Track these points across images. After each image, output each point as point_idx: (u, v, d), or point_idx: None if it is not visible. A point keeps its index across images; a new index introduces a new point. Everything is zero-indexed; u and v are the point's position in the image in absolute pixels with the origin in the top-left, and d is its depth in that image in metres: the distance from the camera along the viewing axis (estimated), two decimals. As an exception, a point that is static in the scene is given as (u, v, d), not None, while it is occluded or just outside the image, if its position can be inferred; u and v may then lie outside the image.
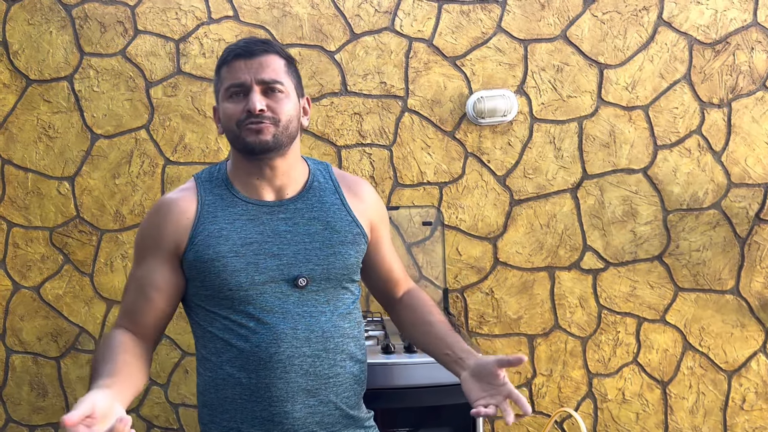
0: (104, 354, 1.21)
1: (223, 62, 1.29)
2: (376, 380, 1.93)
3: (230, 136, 1.28)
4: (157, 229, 1.29)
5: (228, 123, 1.27)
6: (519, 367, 2.51)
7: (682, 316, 2.49)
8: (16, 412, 2.58)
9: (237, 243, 1.26)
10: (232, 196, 1.30)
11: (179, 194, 1.32)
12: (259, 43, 1.28)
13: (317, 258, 1.29)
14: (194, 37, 2.47)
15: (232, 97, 1.26)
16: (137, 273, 1.32)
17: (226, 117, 1.27)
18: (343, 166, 2.48)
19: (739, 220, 2.45)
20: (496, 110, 2.40)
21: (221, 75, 1.29)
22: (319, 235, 1.31)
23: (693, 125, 2.45)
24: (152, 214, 1.32)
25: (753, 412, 2.49)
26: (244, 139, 1.25)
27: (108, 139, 2.50)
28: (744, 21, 2.42)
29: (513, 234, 2.49)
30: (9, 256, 2.54)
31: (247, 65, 1.25)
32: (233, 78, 1.26)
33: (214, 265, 1.25)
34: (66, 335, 2.55)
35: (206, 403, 1.30)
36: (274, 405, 1.24)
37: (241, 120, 1.25)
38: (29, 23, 2.48)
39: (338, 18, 2.46)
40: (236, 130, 1.26)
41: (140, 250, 1.33)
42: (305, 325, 1.26)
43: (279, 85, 1.26)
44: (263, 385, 1.24)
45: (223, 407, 1.27)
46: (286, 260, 1.27)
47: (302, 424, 1.26)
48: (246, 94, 1.25)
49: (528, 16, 2.45)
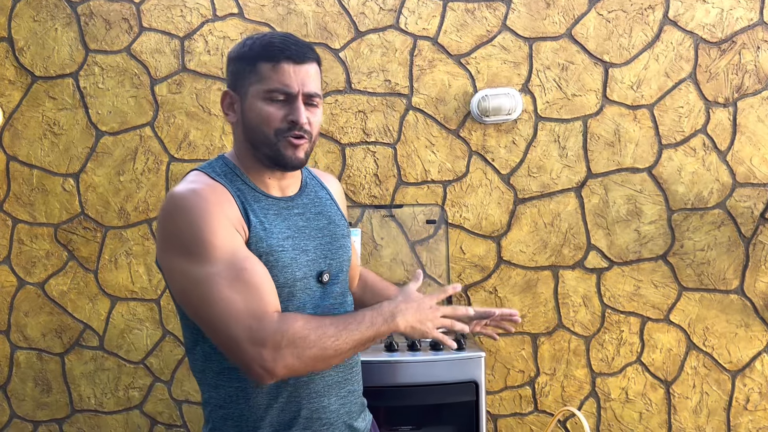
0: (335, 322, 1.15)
1: (268, 58, 1.19)
2: (380, 378, 1.93)
3: (261, 138, 1.21)
4: (220, 212, 1.15)
5: (262, 126, 1.20)
6: (523, 366, 2.51)
7: (686, 316, 2.48)
8: (21, 407, 2.59)
9: (279, 237, 1.21)
10: (252, 191, 1.24)
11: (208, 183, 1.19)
12: (306, 48, 1.22)
13: (331, 252, 1.30)
14: (199, 34, 2.47)
15: (273, 101, 1.20)
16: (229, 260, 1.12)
17: (262, 119, 1.20)
18: (347, 164, 2.49)
19: (744, 220, 2.44)
20: (500, 109, 2.39)
21: (261, 71, 1.20)
22: (327, 229, 1.32)
23: (698, 124, 2.44)
24: (198, 203, 1.14)
25: (757, 412, 2.49)
26: (280, 150, 1.21)
27: (113, 136, 2.51)
28: (750, 20, 2.41)
29: (517, 233, 2.49)
30: (14, 252, 2.55)
31: (296, 72, 1.19)
32: (281, 83, 1.19)
33: (268, 260, 1.19)
34: (70, 331, 2.56)
35: (230, 415, 1.23)
36: (313, 401, 1.24)
37: (281, 129, 1.20)
38: (35, 20, 2.49)
39: (343, 16, 2.46)
40: (273, 138, 1.20)
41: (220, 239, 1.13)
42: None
43: (318, 98, 1.24)
44: (302, 383, 1.23)
45: (256, 416, 1.22)
46: (312, 256, 1.26)
47: (336, 416, 1.27)
48: (289, 102, 1.20)
49: (533, 15, 2.44)
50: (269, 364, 1.10)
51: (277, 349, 1.09)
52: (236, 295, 1.11)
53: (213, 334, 1.14)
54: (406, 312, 1.18)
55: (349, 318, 1.16)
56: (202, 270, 1.11)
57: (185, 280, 1.14)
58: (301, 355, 1.10)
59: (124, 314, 2.54)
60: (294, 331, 1.10)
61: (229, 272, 1.11)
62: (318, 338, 1.11)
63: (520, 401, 2.52)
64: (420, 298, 1.21)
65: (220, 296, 1.11)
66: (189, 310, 1.16)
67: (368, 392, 1.44)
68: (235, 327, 1.10)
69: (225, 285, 1.11)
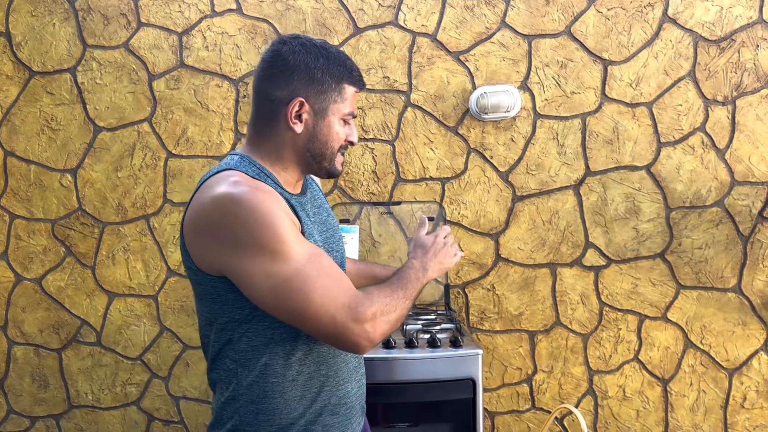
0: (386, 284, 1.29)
1: (354, 83, 1.31)
2: (377, 375, 1.93)
3: (324, 152, 1.30)
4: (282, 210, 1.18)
5: (332, 143, 1.30)
6: (520, 363, 2.51)
7: (683, 314, 2.48)
8: (18, 403, 2.59)
9: (318, 237, 1.30)
10: (282, 190, 1.26)
11: (261, 183, 1.21)
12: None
13: (335, 244, 1.39)
14: (197, 30, 2.47)
15: (345, 122, 1.31)
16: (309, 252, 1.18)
17: (334, 138, 1.30)
18: (346, 161, 2.48)
19: (742, 218, 2.45)
20: (499, 106, 2.39)
21: (345, 93, 1.30)
22: (328, 222, 1.39)
23: (697, 122, 2.44)
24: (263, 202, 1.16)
25: (754, 410, 2.49)
26: (335, 165, 1.32)
27: (110, 132, 2.50)
28: (750, 18, 2.41)
29: (515, 230, 2.49)
30: (11, 247, 2.54)
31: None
32: (354, 107, 1.32)
33: None
34: (67, 327, 2.55)
35: (263, 410, 1.25)
36: (340, 388, 1.32)
37: (343, 146, 1.32)
38: (32, 15, 2.48)
39: (342, 12, 2.45)
40: (334, 154, 1.31)
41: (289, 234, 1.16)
42: None
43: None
44: (332, 372, 1.30)
45: (289, 407, 1.25)
46: (339, 252, 1.38)
47: (356, 399, 1.36)
48: (349, 123, 1.33)
49: (532, 12, 2.44)
50: (372, 335, 1.20)
51: (375, 320, 1.20)
52: (328, 282, 1.18)
53: (311, 323, 1.18)
54: (431, 260, 1.36)
55: (400, 282, 1.30)
56: (290, 266, 1.15)
57: (272, 279, 1.15)
58: (390, 320, 1.23)
59: (121, 310, 2.54)
60: (380, 303, 1.23)
61: (314, 264, 1.18)
62: (396, 304, 1.25)
63: (517, 398, 2.53)
64: (431, 242, 1.39)
65: (315, 286, 1.16)
66: (276, 309, 1.18)
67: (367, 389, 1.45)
68: (337, 310, 1.18)
69: (316, 276, 1.17)
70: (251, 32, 2.46)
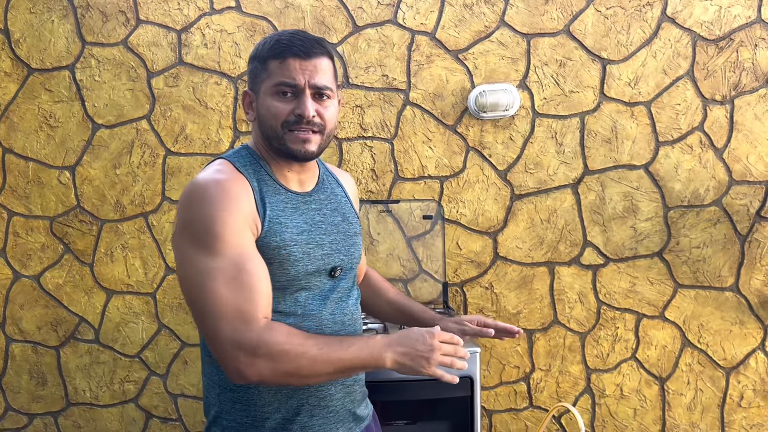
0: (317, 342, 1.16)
1: (274, 55, 1.23)
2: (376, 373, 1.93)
3: (270, 133, 1.25)
4: (236, 207, 1.17)
5: (271, 120, 1.24)
6: (518, 361, 2.51)
7: (681, 313, 2.49)
8: (16, 400, 2.59)
9: (293, 231, 1.25)
10: (274, 183, 1.27)
11: (232, 175, 1.22)
12: (315, 43, 1.25)
13: (344, 248, 1.34)
14: (196, 27, 2.47)
15: (279, 94, 1.23)
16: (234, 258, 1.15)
17: (270, 114, 1.24)
18: (345, 159, 2.48)
19: (740, 218, 2.45)
20: (498, 104, 2.39)
21: (269, 68, 1.24)
22: (341, 225, 1.36)
23: (695, 122, 2.44)
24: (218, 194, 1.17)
25: (750, 409, 2.50)
26: (287, 144, 1.24)
27: (109, 129, 2.50)
28: (748, 17, 2.41)
29: (513, 229, 2.49)
30: (9, 245, 2.54)
31: (302, 66, 1.22)
32: (286, 76, 1.22)
33: (280, 253, 1.22)
34: (66, 324, 2.55)
35: (240, 399, 1.26)
36: (320, 390, 1.28)
37: (288, 121, 1.23)
38: (31, 12, 2.47)
39: (341, 10, 2.45)
40: (280, 131, 1.23)
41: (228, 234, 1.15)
42: (339, 310, 1.32)
43: (329, 91, 1.25)
44: None
45: (264, 401, 1.25)
46: (327, 250, 1.30)
47: (341, 404, 1.31)
48: (296, 96, 1.23)
49: (531, 11, 2.44)
50: (243, 368, 1.13)
51: (254, 356, 1.12)
52: (230, 294, 1.13)
53: (200, 324, 1.17)
54: (398, 348, 1.17)
55: (336, 342, 1.16)
56: (206, 262, 1.14)
57: (189, 267, 1.16)
58: (275, 369, 1.13)
59: (119, 308, 2.54)
60: (275, 343, 1.13)
61: (231, 270, 1.14)
62: (296, 356, 1.13)
63: (515, 397, 2.53)
64: (419, 335, 1.18)
65: (215, 291, 1.14)
66: (186, 295, 1.19)
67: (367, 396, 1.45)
68: (222, 324, 1.13)
69: (222, 281, 1.14)
70: (250, 30, 2.46)
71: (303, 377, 1.15)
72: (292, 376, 1.14)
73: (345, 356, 1.14)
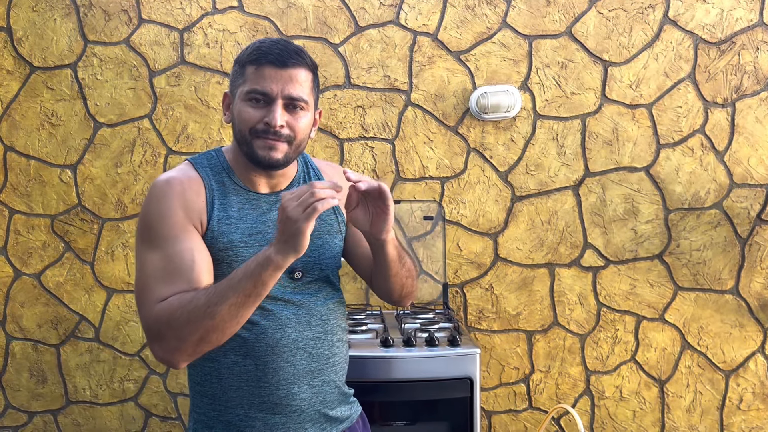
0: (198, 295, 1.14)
1: (251, 61, 1.24)
2: (375, 373, 1.94)
3: (239, 137, 1.26)
4: (177, 203, 1.21)
5: (241, 125, 1.25)
6: (517, 363, 2.52)
7: (681, 315, 2.49)
8: (16, 398, 2.59)
9: (246, 232, 1.26)
10: (233, 184, 1.30)
11: (186, 175, 1.27)
12: (293, 53, 1.25)
13: (309, 250, 1.28)
14: (198, 27, 2.47)
15: (252, 101, 1.24)
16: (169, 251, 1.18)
17: (241, 119, 1.25)
18: (346, 159, 2.48)
19: (741, 221, 2.45)
20: (499, 106, 2.39)
21: (246, 73, 1.25)
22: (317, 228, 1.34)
23: (696, 124, 2.44)
24: (164, 192, 1.23)
25: (750, 412, 2.50)
26: (254, 150, 1.24)
27: (111, 128, 2.50)
28: (750, 21, 2.41)
29: (514, 230, 2.49)
30: (10, 243, 2.54)
31: (277, 75, 1.23)
32: (259, 84, 1.23)
33: (227, 254, 1.24)
34: (66, 323, 2.56)
35: (206, 393, 1.29)
36: (282, 388, 1.27)
37: (256, 129, 1.23)
38: (33, 10, 2.48)
39: (343, 10, 2.46)
40: (248, 136, 1.24)
41: (166, 228, 1.20)
42: (305, 311, 1.30)
43: (303, 102, 1.25)
44: (270, 370, 1.26)
45: (227, 395, 1.27)
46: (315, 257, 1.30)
47: (308, 404, 1.30)
48: (268, 104, 1.23)
49: (533, 12, 2.44)
50: (162, 354, 1.15)
51: (161, 337, 1.14)
52: (152, 283, 1.18)
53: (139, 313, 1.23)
54: (276, 236, 1.11)
55: (226, 279, 1.14)
56: (143, 253, 1.21)
57: (137, 256, 1.24)
58: (181, 335, 1.12)
59: (120, 306, 2.54)
60: (167, 313, 1.14)
61: (159, 260, 1.18)
62: (190, 311, 1.11)
63: (514, 398, 2.53)
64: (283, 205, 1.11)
65: (144, 281, 1.19)
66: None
67: (363, 387, 1.45)
68: (142, 316, 1.19)
69: (151, 272, 1.18)
70: (252, 30, 2.46)
71: (211, 329, 1.11)
72: (198, 331, 1.11)
73: (234, 278, 1.12)
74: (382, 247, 1.29)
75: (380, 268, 1.35)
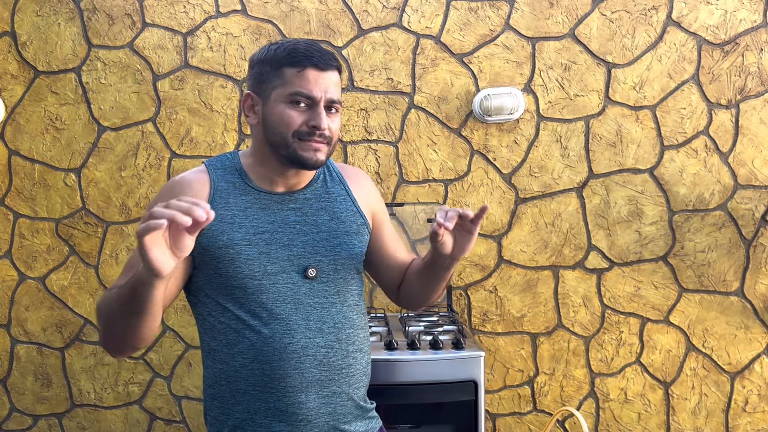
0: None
1: (292, 63, 1.24)
2: (379, 376, 1.93)
3: (278, 140, 1.25)
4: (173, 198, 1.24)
5: (282, 128, 1.25)
6: (522, 365, 2.51)
7: (686, 317, 2.48)
8: (21, 401, 2.59)
9: (249, 231, 1.27)
10: (244, 185, 1.30)
11: (193, 175, 1.31)
12: (330, 57, 1.28)
13: (324, 249, 1.31)
14: (202, 30, 2.47)
15: (294, 104, 1.24)
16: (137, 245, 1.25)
17: (282, 122, 1.24)
18: (349, 162, 2.49)
19: (745, 222, 2.44)
20: (502, 108, 2.39)
21: (285, 75, 1.25)
22: (326, 225, 1.33)
23: (700, 126, 2.44)
24: (166, 192, 1.28)
25: (755, 414, 2.49)
26: (297, 152, 1.25)
27: (115, 132, 2.51)
28: (754, 22, 2.41)
29: (518, 232, 2.49)
30: (15, 246, 2.55)
31: (320, 79, 1.24)
32: (304, 87, 1.24)
33: (228, 252, 1.24)
34: (71, 326, 2.56)
35: (216, 395, 1.29)
36: (289, 396, 1.25)
37: (299, 131, 1.24)
38: (38, 14, 2.48)
39: (346, 13, 2.46)
40: (290, 139, 1.24)
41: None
42: (317, 316, 1.28)
43: (338, 104, 1.28)
44: (277, 375, 1.24)
45: (235, 399, 1.27)
46: (296, 251, 1.28)
47: (316, 414, 1.27)
48: (310, 107, 1.25)
49: (536, 14, 2.44)
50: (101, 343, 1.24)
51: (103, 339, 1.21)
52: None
53: None
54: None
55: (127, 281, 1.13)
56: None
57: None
58: (102, 329, 1.20)
59: (124, 309, 2.55)
60: (97, 305, 1.21)
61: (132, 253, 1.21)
62: (104, 309, 1.18)
63: (519, 401, 2.53)
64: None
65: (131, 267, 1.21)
66: None
67: (369, 389, 1.44)
68: None
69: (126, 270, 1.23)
70: (256, 33, 2.47)
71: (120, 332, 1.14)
72: (110, 329, 1.17)
73: (126, 284, 1.09)
74: (451, 265, 1.30)
75: (430, 282, 1.36)
